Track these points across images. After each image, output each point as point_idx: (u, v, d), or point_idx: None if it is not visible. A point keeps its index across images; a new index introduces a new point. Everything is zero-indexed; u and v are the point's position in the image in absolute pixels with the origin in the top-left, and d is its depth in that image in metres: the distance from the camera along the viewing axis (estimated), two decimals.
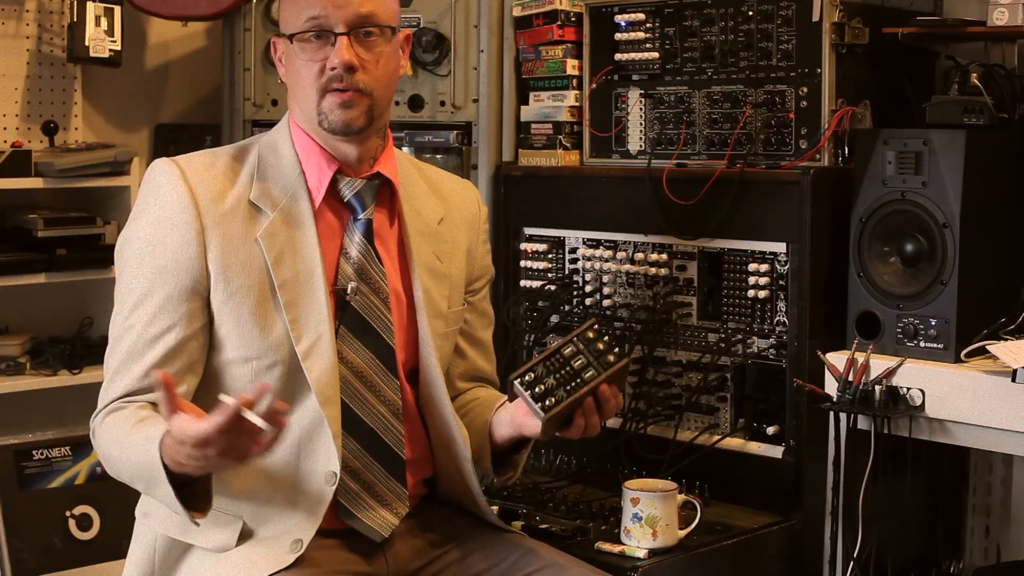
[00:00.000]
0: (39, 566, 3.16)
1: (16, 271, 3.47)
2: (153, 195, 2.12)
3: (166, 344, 2.07)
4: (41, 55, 3.74)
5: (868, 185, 2.56)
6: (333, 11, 2.10)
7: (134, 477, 2.04)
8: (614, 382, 2.13)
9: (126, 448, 2.01)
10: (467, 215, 2.37)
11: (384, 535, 2.17)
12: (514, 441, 2.25)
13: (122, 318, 2.11)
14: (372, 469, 2.17)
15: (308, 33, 2.11)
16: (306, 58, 2.12)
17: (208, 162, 2.16)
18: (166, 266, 2.08)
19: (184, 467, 1.91)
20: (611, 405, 2.14)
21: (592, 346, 2.12)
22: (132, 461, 2.00)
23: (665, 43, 2.90)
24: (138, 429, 2.01)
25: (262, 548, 2.09)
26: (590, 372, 2.10)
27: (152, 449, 1.94)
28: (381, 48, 2.14)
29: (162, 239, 2.09)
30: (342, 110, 2.12)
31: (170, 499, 1.95)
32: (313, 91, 2.12)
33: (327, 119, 2.13)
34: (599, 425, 2.15)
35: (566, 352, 2.11)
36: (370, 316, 2.17)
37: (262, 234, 2.12)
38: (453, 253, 2.31)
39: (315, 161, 2.17)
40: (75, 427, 3.36)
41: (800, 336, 2.65)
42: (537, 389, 2.08)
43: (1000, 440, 2.40)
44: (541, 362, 2.10)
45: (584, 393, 2.10)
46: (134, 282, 2.10)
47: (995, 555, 3.05)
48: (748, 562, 2.55)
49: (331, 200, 2.18)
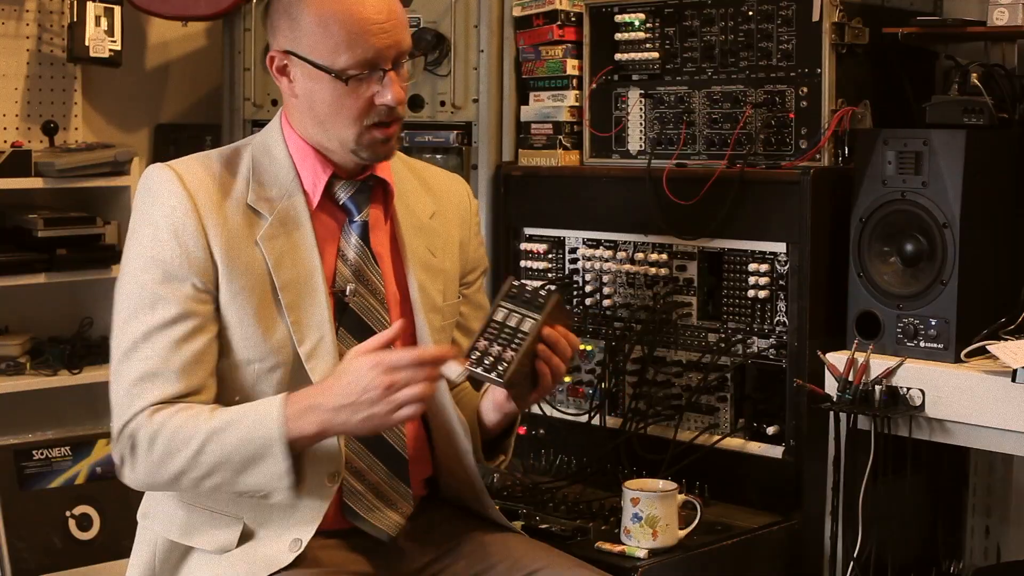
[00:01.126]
0: (39, 566, 3.16)
1: (16, 271, 3.48)
2: (154, 202, 2.10)
3: (193, 349, 2.05)
4: (41, 55, 3.74)
5: (868, 185, 2.56)
6: (386, 49, 2.08)
7: (222, 462, 2.00)
8: (557, 322, 2.12)
9: (214, 434, 1.99)
10: (458, 209, 2.37)
11: (391, 535, 2.17)
12: (503, 426, 2.26)
13: (140, 326, 2.05)
14: (376, 469, 2.17)
15: (360, 75, 2.08)
16: (350, 93, 2.09)
17: (203, 166, 2.14)
18: (176, 273, 2.06)
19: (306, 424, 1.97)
20: (562, 344, 2.12)
21: (519, 300, 2.11)
22: (227, 444, 1.99)
23: (665, 43, 2.90)
24: (226, 413, 2.01)
25: (262, 548, 2.09)
26: (528, 323, 2.09)
27: (263, 422, 1.98)
28: (407, 71, 2.15)
29: (169, 245, 2.07)
30: (384, 145, 2.13)
31: (277, 472, 1.98)
32: (354, 125, 2.10)
33: (365, 151, 2.13)
34: (563, 367, 2.13)
35: (498, 317, 2.10)
36: (368, 317, 2.17)
37: (262, 237, 2.11)
38: (446, 247, 2.31)
39: (310, 164, 2.17)
40: (75, 427, 3.36)
41: (800, 336, 2.65)
42: (487, 361, 2.07)
43: (1000, 440, 2.40)
44: (479, 336, 2.09)
45: (530, 344, 2.08)
46: (145, 291, 2.06)
47: (995, 555, 3.05)
48: (748, 562, 2.55)
49: (326, 202, 2.18)
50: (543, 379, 2.12)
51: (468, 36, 3.18)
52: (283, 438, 1.98)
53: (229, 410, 2.03)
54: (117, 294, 2.10)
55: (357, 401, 1.96)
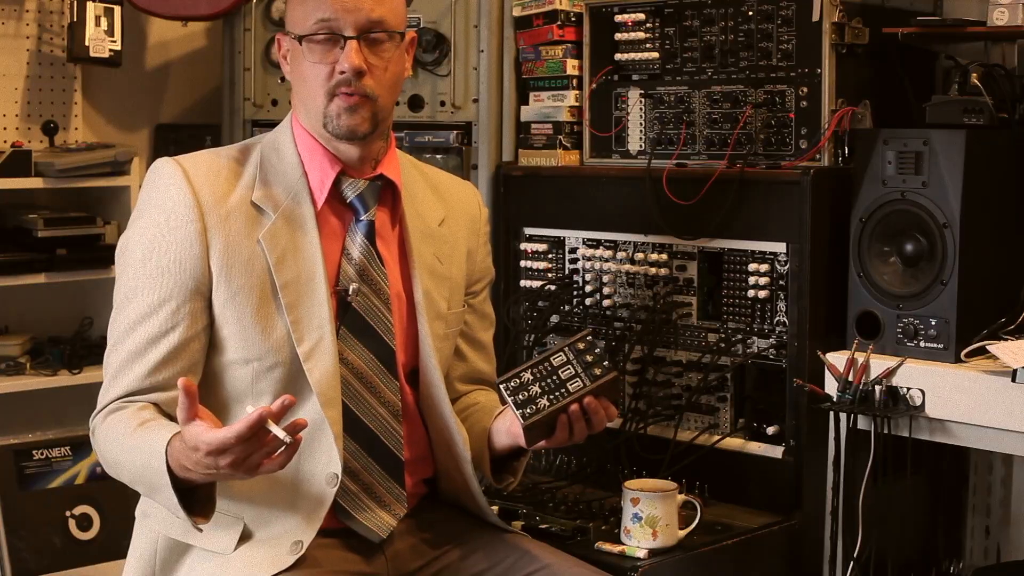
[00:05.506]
0: (39, 566, 3.17)
1: (16, 271, 3.48)
2: (156, 195, 2.12)
3: (168, 344, 2.07)
4: (41, 55, 3.74)
5: (868, 185, 2.56)
6: (344, 15, 2.09)
7: (136, 480, 2.04)
8: (602, 395, 2.10)
9: (129, 452, 2.01)
10: (468, 216, 2.37)
11: (382, 536, 2.17)
12: (512, 449, 2.25)
13: (124, 318, 2.10)
14: (371, 470, 2.17)
15: (318, 35, 2.10)
16: (314, 60, 2.12)
17: (211, 162, 2.15)
18: (168, 267, 2.08)
19: (190, 473, 1.91)
20: (599, 417, 2.11)
21: (582, 357, 2.09)
22: (135, 465, 2.00)
23: (665, 43, 2.90)
24: (141, 433, 2.00)
25: (262, 550, 2.09)
26: (576, 383, 2.08)
27: (157, 455, 1.93)
28: (389, 53, 2.14)
29: (165, 239, 2.08)
30: (348, 115, 2.12)
31: (173, 505, 1.95)
32: (320, 93, 2.12)
33: (333, 123, 2.13)
34: (586, 433, 2.12)
35: (555, 361, 2.08)
36: (371, 317, 2.17)
37: (264, 235, 2.12)
38: (453, 254, 2.31)
39: (318, 162, 2.17)
40: (75, 427, 3.36)
41: (800, 336, 2.65)
42: (521, 396, 2.06)
43: (1000, 440, 2.40)
44: (529, 368, 2.08)
45: (566, 403, 2.07)
46: (136, 282, 2.09)
47: (995, 555, 3.05)
48: (748, 562, 2.55)
49: (333, 201, 2.18)
50: (560, 434, 2.11)
51: (468, 36, 3.18)
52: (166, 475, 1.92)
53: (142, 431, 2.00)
54: (116, 282, 2.14)
55: (218, 473, 1.90)
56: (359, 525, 2.16)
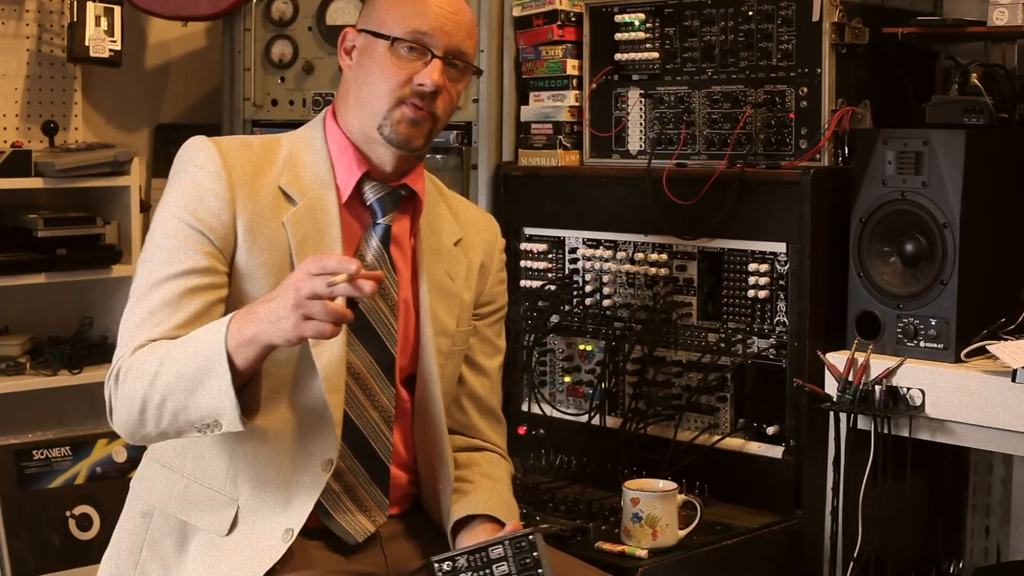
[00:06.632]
0: (39, 566, 3.17)
1: (16, 271, 3.48)
2: (191, 164, 2.13)
3: (204, 301, 2.06)
4: (41, 55, 3.74)
5: (868, 185, 2.56)
6: (439, 34, 2.14)
7: (177, 379, 1.96)
8: None
9: (172, 351, 1.98)
10: (484, 240, 2.38)
11: (358, 540, 2.17)
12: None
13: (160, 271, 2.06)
14: (356, 472, 2.17)
15: (409, 43, 2.14)
16: (395, 62, 2.14)
17: (242, 144, 2.18)
18: (202, 231, 2.08)
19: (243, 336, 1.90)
20: None
21: (520, 557, 2.01)
22: (178, 361, 1.96)
23: (665, 43, 2.90)
24: (187, 336, 1.99)
25: (254, 537, 2.09)
26: None
27: (213, 331, 1.93)
28: (459, 84, 2.20)
29: (198, 205, 2.09)
30: (410, 126, 2.14)
31: (223, 390, 1.92)
32: (387, 96, 2.14)
33: (391, 128, 2.14)
34: None
35: (493, 554, 2.01)
36: (375, 320, 2.17)
37: (288, 218, 2.13)
38: (467, 275, 2.31)
39: (346, 161, 2.19)
40: (75, 427, 3.36)
41: (800, 336, 2.65)
42: None
43: (1000, 440, 2.40)
44: (466, 554, 2.01)
45: None
46: (170, 240, 2.08)
47: (995, 555, 3.06)
48: (748, 562, 2.55)
49: (354, 201, 2.19)
50: None
51: None
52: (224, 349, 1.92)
53: (188, 335, 2.00)
54: (146, 242, 2.13)
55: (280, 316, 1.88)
56: (336, 526, 2.16)
